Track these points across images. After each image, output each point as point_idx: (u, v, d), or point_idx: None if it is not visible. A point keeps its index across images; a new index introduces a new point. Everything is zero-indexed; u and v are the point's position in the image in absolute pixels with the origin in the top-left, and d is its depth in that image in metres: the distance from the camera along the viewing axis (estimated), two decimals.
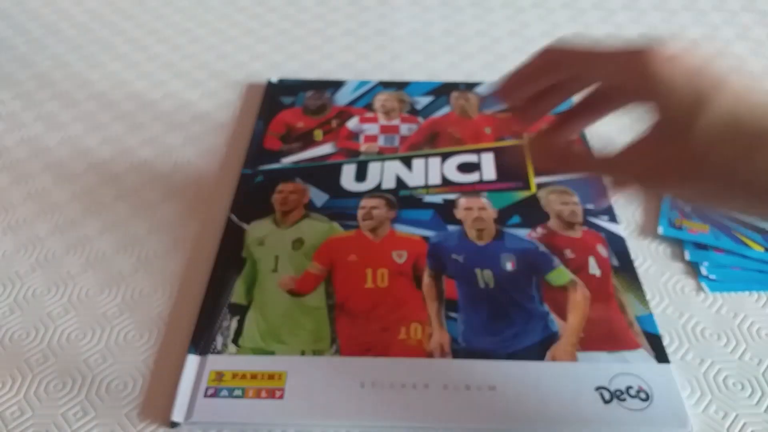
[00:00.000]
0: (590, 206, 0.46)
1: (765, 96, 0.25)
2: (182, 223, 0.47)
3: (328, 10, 0.73)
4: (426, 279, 0.42)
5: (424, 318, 0.39)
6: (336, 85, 0.59)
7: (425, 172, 0.50)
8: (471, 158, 0.51)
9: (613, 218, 0.45)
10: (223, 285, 0.42)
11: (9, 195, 0.50)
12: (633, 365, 0.36)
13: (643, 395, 0.35)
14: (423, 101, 0.57)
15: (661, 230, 0.45)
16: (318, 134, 0.54)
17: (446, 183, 0.49)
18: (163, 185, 0.50)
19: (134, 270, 0.44)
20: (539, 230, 0.45)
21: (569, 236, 0.44)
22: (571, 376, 0.36)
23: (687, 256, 0.43)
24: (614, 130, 0.54)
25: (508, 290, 0.41)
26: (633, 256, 0.43)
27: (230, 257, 0.43)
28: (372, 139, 0.53)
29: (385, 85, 0.59)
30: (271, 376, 0.36)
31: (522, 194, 0.47)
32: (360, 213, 0.46)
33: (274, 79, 0.60)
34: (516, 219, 0.46)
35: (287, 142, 0.53)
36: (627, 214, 0.47)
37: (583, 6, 0.73)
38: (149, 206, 0.49)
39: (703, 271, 0.42)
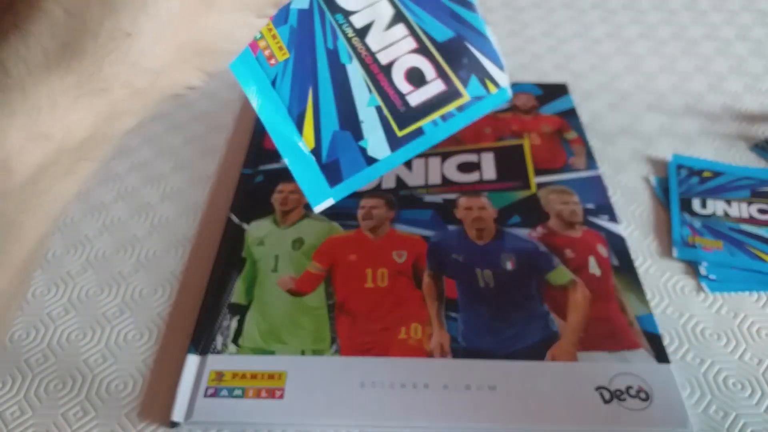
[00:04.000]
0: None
1: None
2: (182, 223, 0.47)
3: None
4: (426, 279, 0.42)
5: (424, 318, 0.39)
6: None
7: (425, 172, 0.50)
8: (471, 158, 0.51)
9: (613, 218, 0.45)
10: (223, 285, 0.42)
11: None
12: (633, 365, 0.36)
13: (643, 395, 0.35)
14: None
15: (675, 253, 0.43)
16: None
17: (446, 183, 0.49)
18: (163, 185, 0.50)
19: (134, 270, 0.44)
20: (539, 230, 0.45)
21: (569, 236, 0.44)
22: (571, 376, 0.36)
23: (703, 271, 0.42)
24: (615, 130, 0.55)
25: (508, 290, 0.41)
26: (633, 256, 0.43)
27: (230, 257, 0.43)
28: None
29: None
30: (271, 376, 0.36)
31: (522, 194, 0.47)
32: (360, 213, 0.46)
33: None
34: (516, 219, 0.45)
35: None
36: (628, 214, 0.47)
37: (583, 6, 0.73)
38: (149, 206, 0.49)
39: (703, 271, 0.42)
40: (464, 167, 0.50)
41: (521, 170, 0.49)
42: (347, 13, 0.26)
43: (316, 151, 0.26)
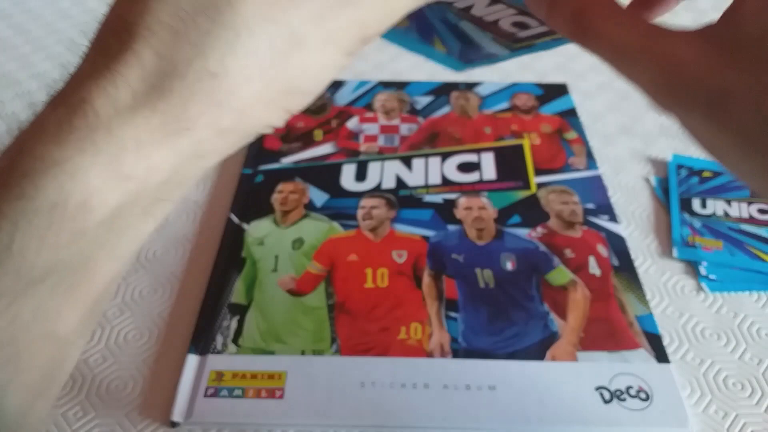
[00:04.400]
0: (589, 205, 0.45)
1: None
2: (182, 223, 0.47)
3: None
4: (426, 279, 0.42)
5: (424, 318, 0.39)
6: (336, 84, 0.59)
7: (425, 172, 0.50)
8: (471, 158, 0.51)
9: (613, 218, 0.45)
10: (223, 285, 0.42)
11: None
12: (633, 365, 0.36)
13: (643, 395, 0.35)
14: (423, 101, 0.57)
15: (675, 252, 0.43)
16: (318, 134, 0.54)
17: (446, 183, 0.49)
18: None
19: (134, 270, 0.44)
20: (539, 230, 0.45)
21: (569, 236, 0.44)
22: (571, 376, 0.36)
23: (703, 271, 0.42)
24: (615, 130, 0.55)
25: (508, 290, 0.41)
26: (633, 255, 0.43)
27: (230, 257, 0.43)
28: (372, 139, 0.53)
29: (385, 84, 0.59)
30: (271, 376, 0.36)
31: (522, 194, 0.47)
32: (360, 213, 0.46)
33: None
34: (516, 219, 0.45)
35: (287, 142, 0.53)
36: (628, 214, 0.47)
37: None
38: None
39: (703, 271, 0.42)
40: (464, 167, 0.50)
41: (521, 170, 0.49)
42: (448, 4, 0.29)
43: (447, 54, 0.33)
